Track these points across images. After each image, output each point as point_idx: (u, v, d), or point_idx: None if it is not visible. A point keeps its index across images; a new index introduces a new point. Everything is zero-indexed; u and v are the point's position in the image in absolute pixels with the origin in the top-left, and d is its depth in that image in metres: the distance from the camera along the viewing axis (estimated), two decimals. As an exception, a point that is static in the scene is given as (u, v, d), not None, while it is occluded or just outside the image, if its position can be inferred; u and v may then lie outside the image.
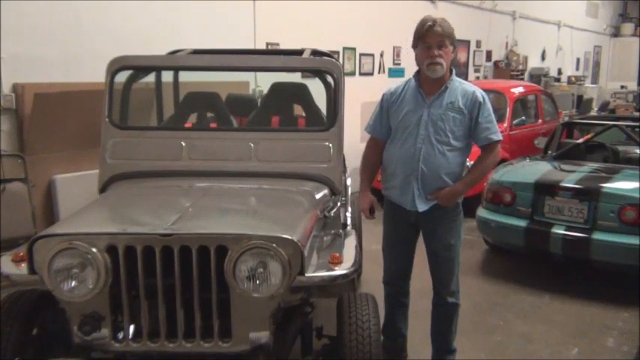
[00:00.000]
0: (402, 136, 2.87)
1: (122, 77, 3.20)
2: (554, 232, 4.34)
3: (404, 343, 3.30)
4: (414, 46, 2.84)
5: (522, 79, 12.09)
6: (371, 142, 3.09)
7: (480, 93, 2.84)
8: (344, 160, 3.44)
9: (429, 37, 2.72)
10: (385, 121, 2.96)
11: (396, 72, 8.43)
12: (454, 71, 2.89)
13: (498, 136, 2.87)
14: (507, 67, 11.65)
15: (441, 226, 2.93)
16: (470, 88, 2.85)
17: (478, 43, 10.79)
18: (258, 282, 2.15)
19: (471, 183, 2.90)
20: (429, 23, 2.72)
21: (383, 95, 3.01)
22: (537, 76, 12.75)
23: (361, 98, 7.54)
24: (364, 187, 3.12)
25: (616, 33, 17.89)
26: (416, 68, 2.95)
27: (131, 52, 3.31)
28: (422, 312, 3.28)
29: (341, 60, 7.40)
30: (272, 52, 5.46)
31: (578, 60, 15.84)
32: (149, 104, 3.91)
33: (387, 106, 2.95)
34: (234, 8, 6.08)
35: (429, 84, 2.83)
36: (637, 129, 5.27)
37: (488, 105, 2.85)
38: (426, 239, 3.01)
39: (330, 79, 3.23)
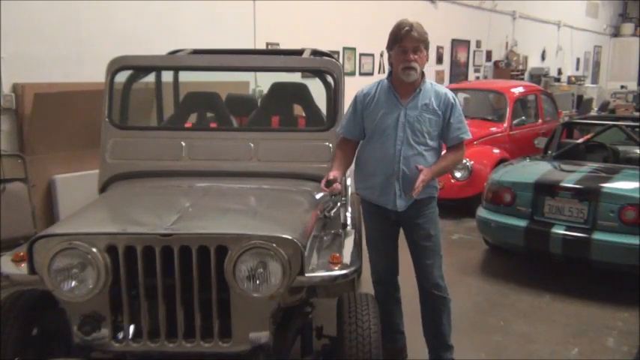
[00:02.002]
0: (380, 138, 2.90)
1: (122, 77, 3.20)
2: (554, 232, 4.33)
3: (403, 341, 3.29)
4: (390, 48, 2.87)
5: (522, 79, 12.10)
6: (342, 142, 3.00)
7: (450, 94, 2.92)
8: (344, 160, 3.43)
9: (406, 42, 2.76)
10: (359, 122, 2.97)
11: (396, 72, 8.43)
12: (425, 74, 2.94)
13: (468, 135, 2.96)
14: (507, 67, 11.67)
15: (420, 217, 2.97)
16: (442, 90, 2.93)
17: (478, 43, 10.81)
18: (258, 282, 2.15)
19: (440, 171, 2.95)
20: (407, 28, 2.76)
21: (356, 97, 3.01)
22: (537, 76, 12.76)
23: (361, 98, 7.54)
24: (335, 166, 2.91)
25: (616, 33, 17.90)
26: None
27: (131, 52, 3.31)
28: (420, 313, 3.27)
29: (341, 60, 7.41)
30: (272, 52, 5.47)
31: (578, 60, 15.86)
32: (149, 104, 3.91)
33: (362, 107, 2.96)
34: (234, 8, 6.08)
35: (402, 86, 2.87)
36: (637, 129, 5.27)
37: (458, 105, 2.95)
38: (407, 232, 3.05)
39: (330, 79, 3.24)
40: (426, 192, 2.93)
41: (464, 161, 5.96)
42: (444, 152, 3.01)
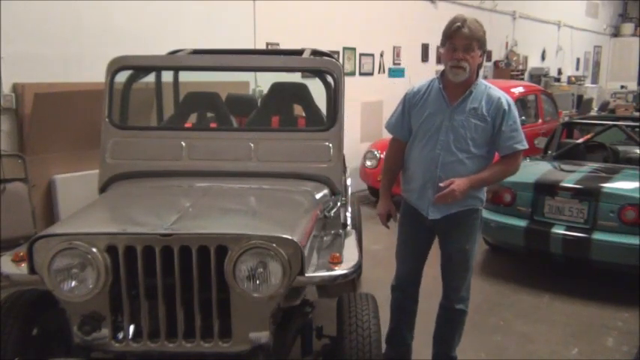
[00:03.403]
0: (423, 139, 2.78)
1: (122, 77, 3.20)
2: (554, 232, 4.33)
3: (407, 354, 3.21)
4: (442, 45, 2.73)
5: (522, 79, 12.09)
6: (393, 142, 2.99)
7: (505, 99, 2.72)
8: (344, 160, 3.43)
9: (456, 39, 2.61)
10: (407, 122, 2.86)
11: (396, 72, 8.42)
12: (480, 75, 2.77)
13: (524, 145, 2.73)
14: (507, 67, 11.66)
15: (457, 229, 2.85)
16: (495, 94, 2.72)
17: (478, 43, 10.80)
18: (258, 282, 2.15)
19: (480, 182, 2.74)
20: (458, 24, 2.60)
21: (405, 95, 2.90)
22: (537, 76, 12.76)
23: (361, 98, 7.53)
24: (384, 192, 3.04)
25: (616, 33, 17.90)
26: (416, 68, 2.93)
27: (131, 52, 3.30)
28: (423, 312, 3.27)
29: (341, 60, 7.40)
30: (272, 52, 5.46)
31: (578, 60, 15.85)
32: (149, 104, 3.91)
33: (409, 106, 2.85)
34: (234, 8, 6.08)
35: (452, 87, 2.72)
36: (637, 129, 5.27)
37: (514, 112, 2.72)
38: (441, 242, 2.95)
39: (330, 79, 3.23)
40: (465, 203, 2.79)
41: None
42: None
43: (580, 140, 5.56)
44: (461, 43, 2.60)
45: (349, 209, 3.84)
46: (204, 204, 2.58)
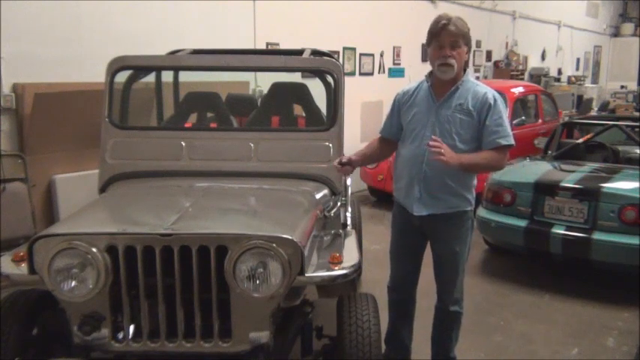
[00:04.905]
0: (410, 137, 2.82)
1: (122, 77, 3.20)
2: (554, 232, 4.33)
3: (407, 355, 3.21)
4: (428, 44, 2.75)
5: (522, 79, 12.09)
6: (380, 139, 3.04)
7: (491, 94, 2.74)
8: (344, 160, 3.42)
9: (443, 36, 2.64)
10: (396, 121, 2.91)
11: (396, 72, 8.42)
12: (468, 71, 2.80)
13: (508, 141, 2.70)
14: (507, 67, 11.66)
15: (446, 232, 2.85)
16: (481, 90, 2.75)
17: (478, 43, 10.80)
18: (258, 282, 2.15)
19: (469, 162, 2.69)
20: (444, 21, 2.64)
21: (396, 96, 2.96)
22: (537, 76, 12.76)
23: (361, 98, 7.53)
24: (357, 152, 2.97)
25: (616, 33, 17.90)
26: (416, 68, 2.93)
27: (131, 52, 3.31)
28: (422, 312, 3.27)
29: (341, 60, 7.40)
30: (272, 52, 5.46)
31: (578, 60, 15.85)
32: (149, 104, 3.91)
33: (399, 106, 2.90)
34: (234, 8, 6.08)
35: (440, 84, 2.75)
36: (637, 129, 5.27)
37: (500, 107, 2.72)
38: (431, 244, 2.96)
39: (330, 79, 3.24)
40: (451, 205, 2.79)
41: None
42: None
43: (580, 140, 5.56)
44: (448, 40, 2.65)
45: (349, 209, 3.84)
46: (204, 204, 2.58)
